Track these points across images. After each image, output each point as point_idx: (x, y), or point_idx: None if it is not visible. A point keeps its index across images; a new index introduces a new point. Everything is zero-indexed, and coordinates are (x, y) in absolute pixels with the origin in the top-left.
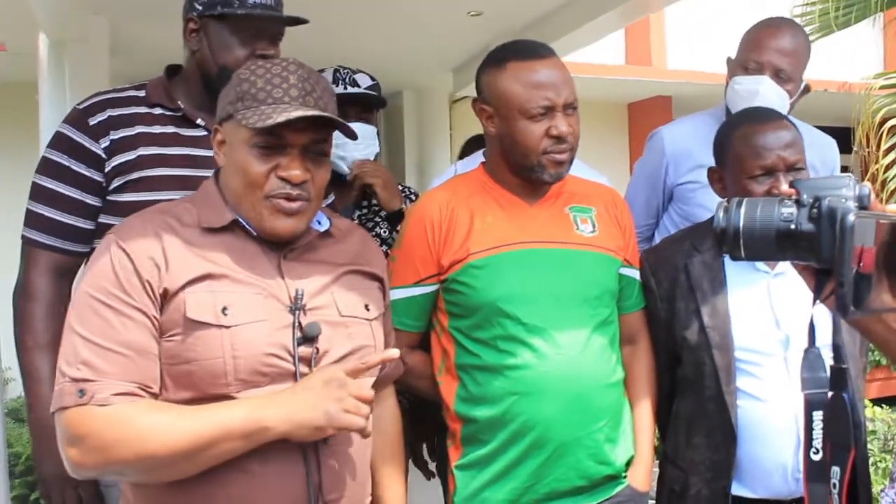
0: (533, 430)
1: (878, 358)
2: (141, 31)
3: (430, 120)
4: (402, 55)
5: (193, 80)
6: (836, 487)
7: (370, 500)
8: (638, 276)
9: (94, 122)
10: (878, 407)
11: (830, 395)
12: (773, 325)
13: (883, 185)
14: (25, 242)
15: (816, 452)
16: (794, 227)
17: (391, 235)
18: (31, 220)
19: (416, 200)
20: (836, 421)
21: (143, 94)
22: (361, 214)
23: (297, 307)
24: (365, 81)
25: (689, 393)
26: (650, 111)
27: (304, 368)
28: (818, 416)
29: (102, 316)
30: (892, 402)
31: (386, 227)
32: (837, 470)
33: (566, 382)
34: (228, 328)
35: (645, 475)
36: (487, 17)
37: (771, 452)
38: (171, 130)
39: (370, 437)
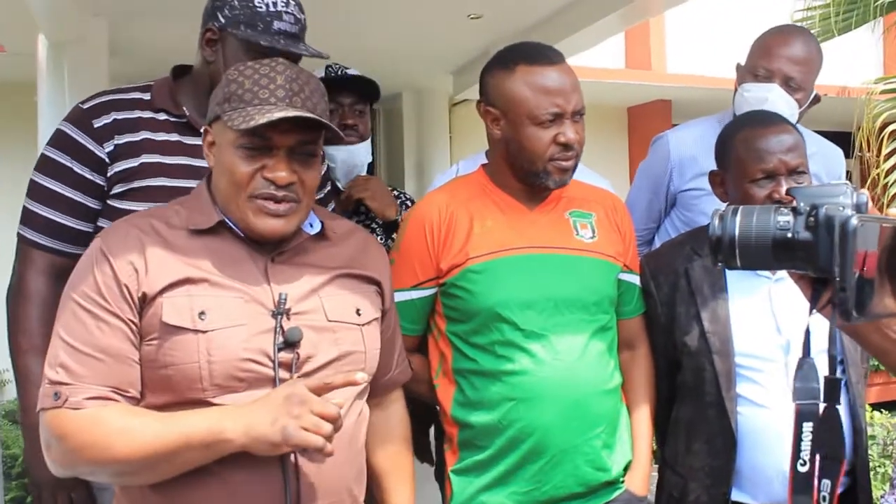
0: (530, 436)
1: (876, 363)
2: (140, 31)
3: (429, 122)
4: (401, 57)
5: (202, 87)
6: (825, 500)
7: None
8: (637, 281)
9: (98, 124)
10: (877, 412)
11: (823, 406)
12: (773, 330)
13: (884, 189)
14: (22, 241)
15: (804, 464)
16: (790, 235)
17: (387, 242)
18: (28, 218)
19: (411, 206)
20: (828, 433)
21: (148, 97)
22: (359, 221)
23: (279, 311)
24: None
25: (688, 399)
26: (650, 115)
27: (284, 374)
28: (808, 427)
29: (81, 320)
30: (891, 406)
31: (382, 233)
32: (828, 483)
33: (564, 389)
34: (204, 333)
35: (642, 480)
36: (487, 20)
37: (771, 459)
38: (174, 138)
39: (362, 445)
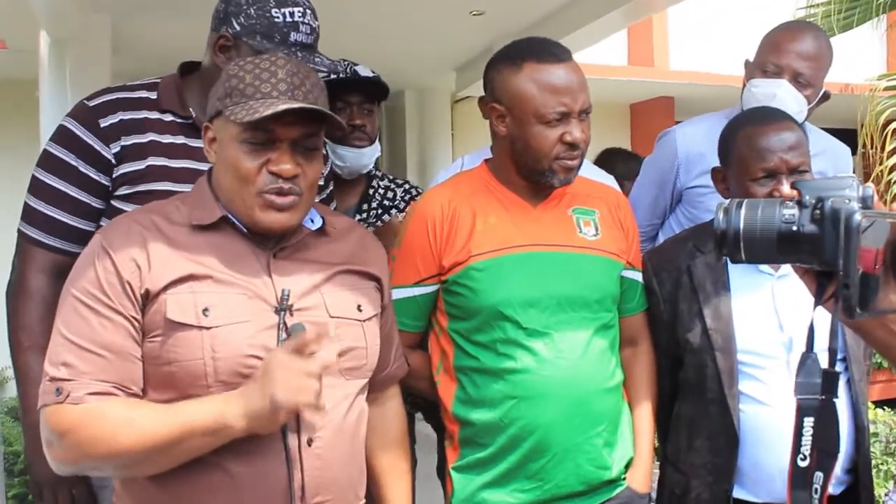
0: (532, 434)
1: (879, 360)
2: (142, 28)
3: (432, 119)
4: (404, 55)
5: (210, 89)
6: (817, 493)
7: (363, 502)
8: (640, 278)
9: (105, 124)
10: (880, 409)
11: (820, 399)
12: (776, 327)
13: (887, 186)
14: (22, 238)
15: (804, 459)
16: (796, 228)
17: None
18: (30, 216)
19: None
20: (824, 427)
21: (154, 95)
22: (361, 219)
23: (282, 307)
24: (365, 73)
25: (690, 395)
26: (653, 112)
27: None
28: (809, 422)
29: (83, 317)
30: (893, 404)
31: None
32: (821, 475)
33: (566, 387)
34: (209, 329)
35: (644, 477)
36: (490, 16)
37: (773, 456)
38: (180, 141)
39: (363, 442)
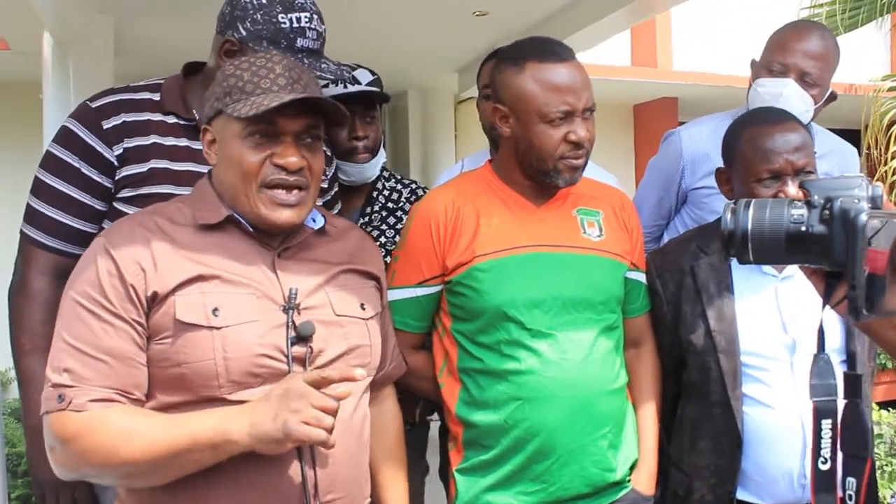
0: (536, 436)
1: (883, 361)
2: (145, 29)
3: (434, 120)
4: (406, 55)
5: None
6: (851, 499)
7: (369, 501)
8: (644, 279)
9: (108, 125)
10: (884, 410)
11: (844, 403)
12: (780, 329)
13: (891, 187)
14: (25, 239)
15: (825, 462)
16: (804, 228)
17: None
18: (32, 217)
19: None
20: (851, 430)
21: (157, 97)
22: (364, 223)
23: (290, 306)
24: (365, 77)
25: (694, 397)
26: (656, 112)
27: (298, 368)
28: (827, 424)
29: (85, 322)
30: None
31: (390, 235)
32: (853, 481)
33: (570, 388)
34: (219, 329)
35: (649, 479)
36: (493, 17)
37: (777, 459)
38: (183, 143)
39: (367, 440)
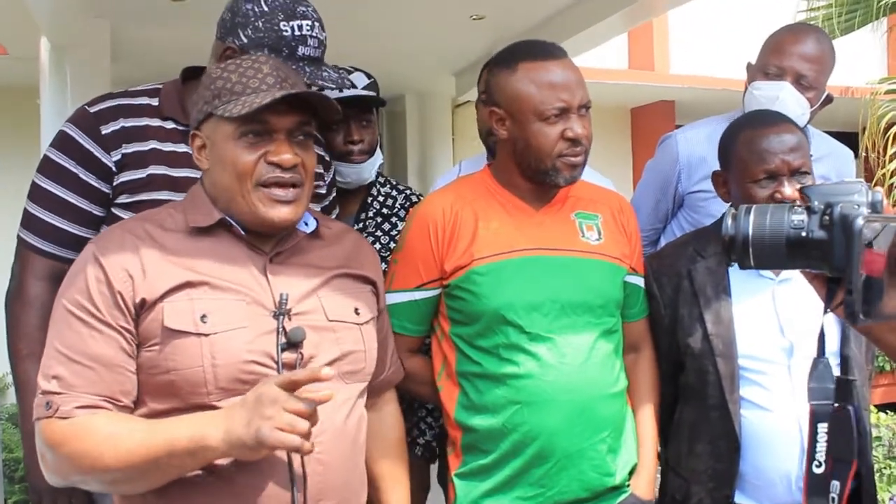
0: (535, 440)
1: (882, 364)
2: (142, 34)
3: (432, 124)
4: (404, 59)
5: None
6: (834, 502)
7: None
8: (643, 283)
9: (106, 131)
10: (882, 413)
11: (835, 407)
12: (777, 332)
13: (889, 190)
14: (22, 244)
15: (819, 465)
16: (805, 234)
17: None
18: (30, 222)
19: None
20: (839, 434)
21: (156, 102)
22: (359, 228)
23: (281, 312)
24: (361, 81)
25: (692, 401)
26: (653, 116)
27: None
28: (823, 428)
29: (74, 329)
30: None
31: (385, 241)
32: (837, 484)
33: (570, 392)
34: (207, 336)
35: (648, 484)
36: (490, 20)
37: (774, 462)
38: (182, 149)
39: (363, 447)
